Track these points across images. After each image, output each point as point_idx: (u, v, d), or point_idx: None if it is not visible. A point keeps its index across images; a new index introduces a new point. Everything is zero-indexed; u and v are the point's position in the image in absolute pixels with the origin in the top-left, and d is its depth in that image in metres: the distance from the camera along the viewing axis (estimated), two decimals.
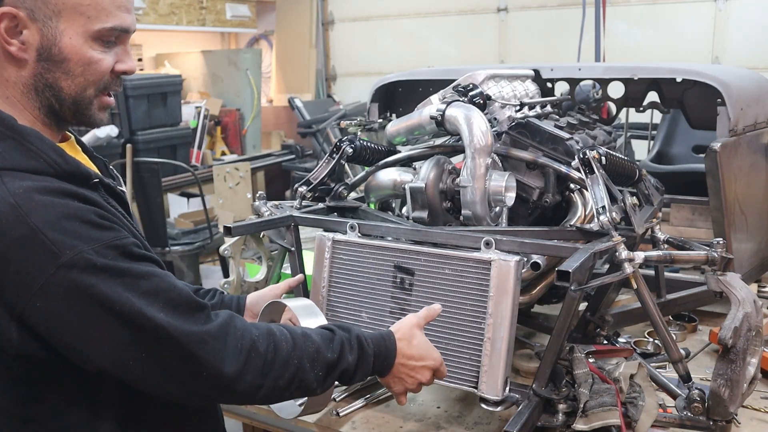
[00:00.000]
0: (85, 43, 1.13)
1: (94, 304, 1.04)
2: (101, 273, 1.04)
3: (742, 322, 1.40)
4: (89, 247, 1.04)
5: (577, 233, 1.65)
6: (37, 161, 1.09)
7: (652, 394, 1.51)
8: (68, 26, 1.11)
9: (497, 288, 1.47)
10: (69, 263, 1.02)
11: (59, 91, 1.15)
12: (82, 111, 1.19)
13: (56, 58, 1.12)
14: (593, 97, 2.91)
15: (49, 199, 1.05)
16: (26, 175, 1.07)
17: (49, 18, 1.10)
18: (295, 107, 6.90)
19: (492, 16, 6.76)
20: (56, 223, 1.03)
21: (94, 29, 1.13)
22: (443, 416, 1.69)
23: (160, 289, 1.10)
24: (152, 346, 1.08)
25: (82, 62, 1.14)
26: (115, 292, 1.05)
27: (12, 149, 1.08)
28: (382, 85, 2.69)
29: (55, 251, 1.02)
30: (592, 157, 1.61)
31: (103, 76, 1.17)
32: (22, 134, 1.10)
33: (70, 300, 1.03)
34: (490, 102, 1.89)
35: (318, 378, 1.24)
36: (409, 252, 1.61)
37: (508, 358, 1.47)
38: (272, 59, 8.19)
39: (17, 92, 1.15)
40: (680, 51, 5.74)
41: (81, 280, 1.03)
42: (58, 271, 1.02)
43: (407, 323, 1.42)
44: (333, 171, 1.92)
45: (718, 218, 2.05)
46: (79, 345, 1.07)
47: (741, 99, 2.10)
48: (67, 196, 1.07)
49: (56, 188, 1.07)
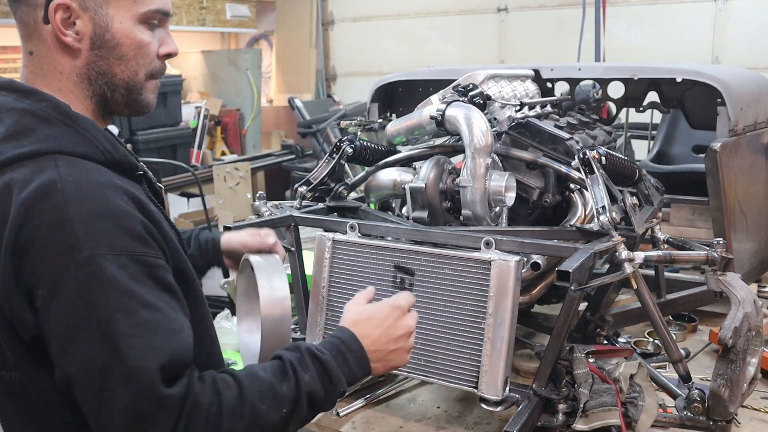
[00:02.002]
0: (135, 27, 1.16)
1: (85, 311, 1.00)
2: (108, 284, 1.00)
3: (742, 322, 1.40)
4: (109, 253, 1.01)
5: (577, 233, 1.65)
6: (90, 147, 1.10)
7: (652, 394, 1.51)
8: (117, 11, 1.14)
9: (497, 288, 1.47)
10: (83, 261, 1.00)
11: (112, 77, 1.17)
12: (135, 96, 1.21)
13: (109, 44, 1.15)
14: (593, 97, 2.91)
15: (95, 193, 1.05)
16: (80, 162, 1.08)
17: (99, 6, 1.13)
18: (295, 107, 6.89)
19: (492, 16, 6.76)
20: (90, 218, 1.02)
21: (140, 12, 1.16)
22: (443, 416, 1.69)
23: (157, 327, 1.02)
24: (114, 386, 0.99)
25: (134, 45, 1.17)
26: (108, 308, 1.00)
27: (67, 134, 1.10)
28: (382, 85, 2.69)
29: (76, 246, 1.00)
30: (592, 157, 1.61)
31: (152, 58, 1.20)
32: (76, 121, 1.12)
33: (69, 298, 1.01)
34: (490, 102, 1.89)
35: (285, 416, 1.09)
36: (409, 252, 1.61)
37: (508, 358, 1.47)
38: (272, 59, 8.18)
39: (70, 83, 1.16)
40: (680, 51, 5.74)
41: (85, 283, 1.00)
42: (70, 266, 1.00)
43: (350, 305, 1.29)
44: (333, 171, 1.92)
45: (718, 218, 2.05)
46: (59, 347, 1.03)
47: (741, 99, 2.10)
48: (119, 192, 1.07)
49: (110, 183, 1.08)
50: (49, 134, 1.09)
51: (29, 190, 1.03)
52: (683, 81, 2.19)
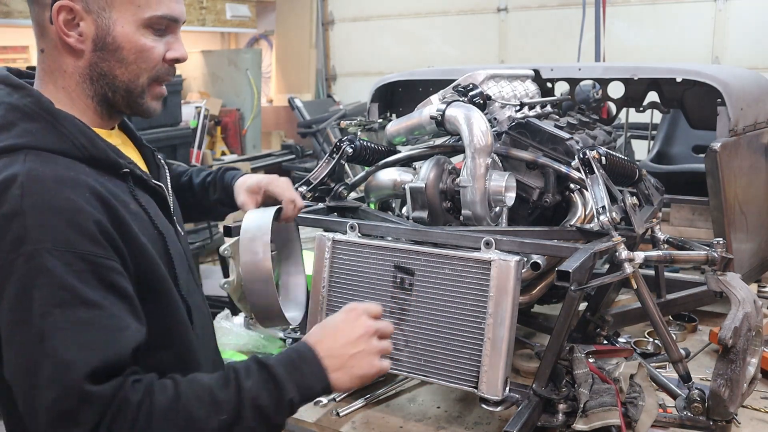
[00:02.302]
0: (137, 31, 1.18)
1: (24, 306, 1.01)
2: (49, 279, 1.01)
3: (742, 322, 1.40)
4: (55, 248, 1.02)
5: (577, 233, 1.65)
6: (66, 144, 1.12)
7: (652, 394, 1.51)
8: (120, 15, 1.16)
9: (497, 288, 1.47)
10: (27, 255, 1.01)
11: (113, 79, 1.20)
12: (135, 99, 1.23)
13: (110, 47, 1.17)
14: (593, 97, 2.91)
15: (54, 188, 1.05)
16: (54, 157, 1.10)
17: (102, 9, 1.15)
18: (295, 107, 6.89)
19: (492, 16, 6.76)
20: (43, 213, 1.03)
21: (144, 17, 1.17)
22: (443, 416, 1.69)
23: (93, 325, 1.02)
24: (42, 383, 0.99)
25: (135, 50, 1.18)
26: (46, 304, 1.00)
27: (45, 130, 1.12)
28: (382, 85, 2.69)
29: (24, 238, 1.02)
30: (592, 157, 1.61)
31: (155, 63, 1.22)
32: (56, 117, 1.14)
33: (11, 291, 1.02)
34: (490, 102, 1.89)
35: (225, 423, 1.05)
36: (409, 252, 1.60)
37: (508, 358, 1.47)
38: (272, 59, 8.19)
39: (73, 82, 1.19)
40: (680, 51, 5.74)
41: (27, 276, 1.01)
42: (18, 258, 1.02)
43: (313, 329, 1.24)
44: (333, 171, 1.92)
45: (718, 218, 2.05)
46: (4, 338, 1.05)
47: (741, 99, 2.10)
48: (81, 190, 1.08)
49: (75, 180, 1.08)
50: (28, 129, 1.11)
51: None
52: (683, 81, 2.19)
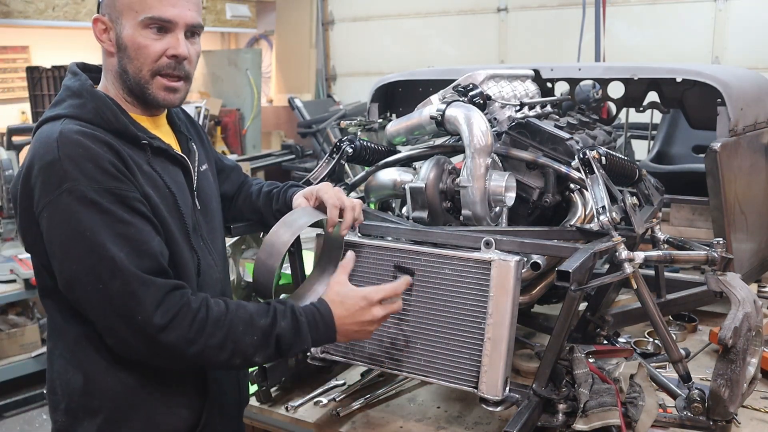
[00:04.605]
0: (136, 32, 1.43)
1: (74, 227, 1.31)
2: (89, 205, 1.31)
3: (742, 322, 1.40)
4: (89, 184, 1.31)
5: (577, 233, 1.65)
6: (96, 116, 1.41)
7: (652, 394, 1.51)
8: (126, 21, 1.43)
9: (497, 288, 1.47)
10: (69, 189, 1.31)
11: (127, 73, 1.46)
12: (143, 90, 1.47)
13: (122, 47, 1.45)
14: (593, 97, 2.91)
15: (82, 141, 1.34)
16: (85, 124, 1.39)
17: (118, 18, 1.44)
18: (295, 107, 6.89)
19: (492, 16, 6.76)
20: (76, 159, 1.32)
21: (139, 20, 1.42)
22: (443, 416, 1.69)
23: (131, 237, 1.33)
24: (105, 278, 1.30)
25: (135, 47, 1.44)
26: (92, 223, 1.30)
27: (83, 105, 1.42)
28: (382, 85, 2.69)
29: (64, 178, 1.31)
30: (592, 157, 1.61)
31: (153, 58, 1.44)
32: (93, 96, 1.44)
33: (62, 218, 1.31)
34: (490, 102, 1.89)
35: (254, 343, 1.36)
36: (409, 252, 1.60)
37: (508, 358, 1.47)
38: (272, 59, 8.19)
39: (112, 76, 1.49)
40: (680, 51, 5.74)
41: (72, 205, 1.31)
42: (61, 194, 1.31)
43: (333, 283, 1.50)
44: (333, 171, 1.92)
45: (718, 218, 2.05)
46: (59, 258, 1.34)
47: (741, 99, 2.10)
48: (100, 143, 1.36)
49: (94, 136, 1.37)
50: (72, 104, 1.43)
51: (38, 139, 1.39)
52: (683, 81, 2.19)
